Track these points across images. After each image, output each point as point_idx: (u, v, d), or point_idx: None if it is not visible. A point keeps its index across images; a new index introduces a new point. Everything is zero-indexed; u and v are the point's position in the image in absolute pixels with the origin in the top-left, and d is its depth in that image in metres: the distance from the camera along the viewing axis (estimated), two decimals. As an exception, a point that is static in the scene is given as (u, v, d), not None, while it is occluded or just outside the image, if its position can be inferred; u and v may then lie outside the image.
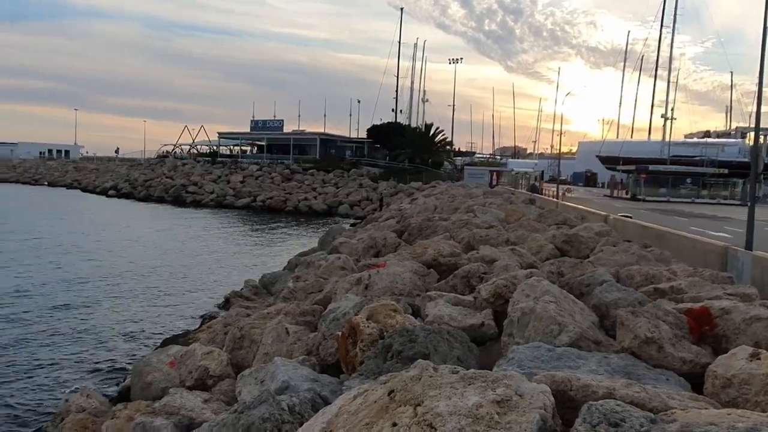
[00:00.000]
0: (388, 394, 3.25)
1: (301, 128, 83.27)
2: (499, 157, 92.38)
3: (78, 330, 14.32)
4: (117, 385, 10.25)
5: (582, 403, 3.09)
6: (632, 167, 46.56)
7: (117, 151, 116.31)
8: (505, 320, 5.58)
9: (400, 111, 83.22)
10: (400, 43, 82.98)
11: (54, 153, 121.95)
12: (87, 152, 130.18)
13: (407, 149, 67.87)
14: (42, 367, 11.82)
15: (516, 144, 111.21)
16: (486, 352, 5.80)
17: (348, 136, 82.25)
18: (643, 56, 74.35)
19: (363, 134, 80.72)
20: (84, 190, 72.55)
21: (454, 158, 79.38)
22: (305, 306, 8.54)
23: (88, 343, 13.42)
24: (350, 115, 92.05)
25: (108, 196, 63.21)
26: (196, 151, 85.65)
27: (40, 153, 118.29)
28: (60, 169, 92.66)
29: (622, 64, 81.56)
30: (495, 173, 56.04)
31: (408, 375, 3.34)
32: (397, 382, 3.31)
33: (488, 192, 35.26)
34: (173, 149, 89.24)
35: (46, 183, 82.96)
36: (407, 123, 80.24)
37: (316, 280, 10.54)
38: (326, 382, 5.18)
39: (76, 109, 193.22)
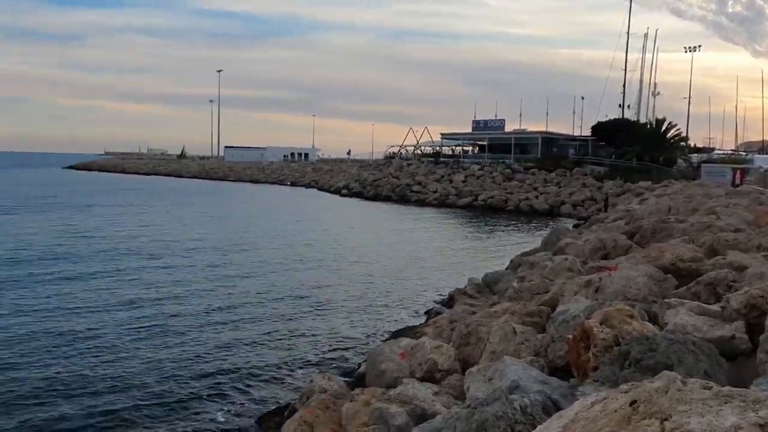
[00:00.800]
0: (630, 404, 3.10)
1: (522, 127, 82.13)
2: (743, 153, 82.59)
3: (316, 317, 15.70)
4: (352, 371, 11.03)
5: None
6: None
7: (349, 153, 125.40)
8: (761, 335, 5.03)
9: (628, 106, 78.14)
10: (628, 34, 77.72)
11: (295, 156, 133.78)
12: (322, 154, 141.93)
13: (635, 146, 63.61)
14: (286, 349, 13.13)
15: (765, 138, 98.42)
16: (736, 368, 5.27)
17: (571, 134, 79.36)
18: None
19: (587, 132, 77.10)
20: (320, 189, 78.81)
21: (690, 155, 72.78)
22: (532, 306, 8.43)
23: (325, 329, 14.62)
24: (573, 112, 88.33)
25: (341, 195, 67.91)
26: (420, 152, 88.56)
27: (284, 156, 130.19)
28: (300, 171, 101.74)
29: None
30: (739, 171, 50.27)
31: (653, 386, 3.15)
32: (641, 393, 3.14)
33: (731, 192, 31.80)
34: (399, 150, 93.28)
35: (288, 183, 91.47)
36: (635, 119, 75.31)
37: (542, 281, 10.36)
38: (556, 386, 5.08)
39: (313, 115, 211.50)
